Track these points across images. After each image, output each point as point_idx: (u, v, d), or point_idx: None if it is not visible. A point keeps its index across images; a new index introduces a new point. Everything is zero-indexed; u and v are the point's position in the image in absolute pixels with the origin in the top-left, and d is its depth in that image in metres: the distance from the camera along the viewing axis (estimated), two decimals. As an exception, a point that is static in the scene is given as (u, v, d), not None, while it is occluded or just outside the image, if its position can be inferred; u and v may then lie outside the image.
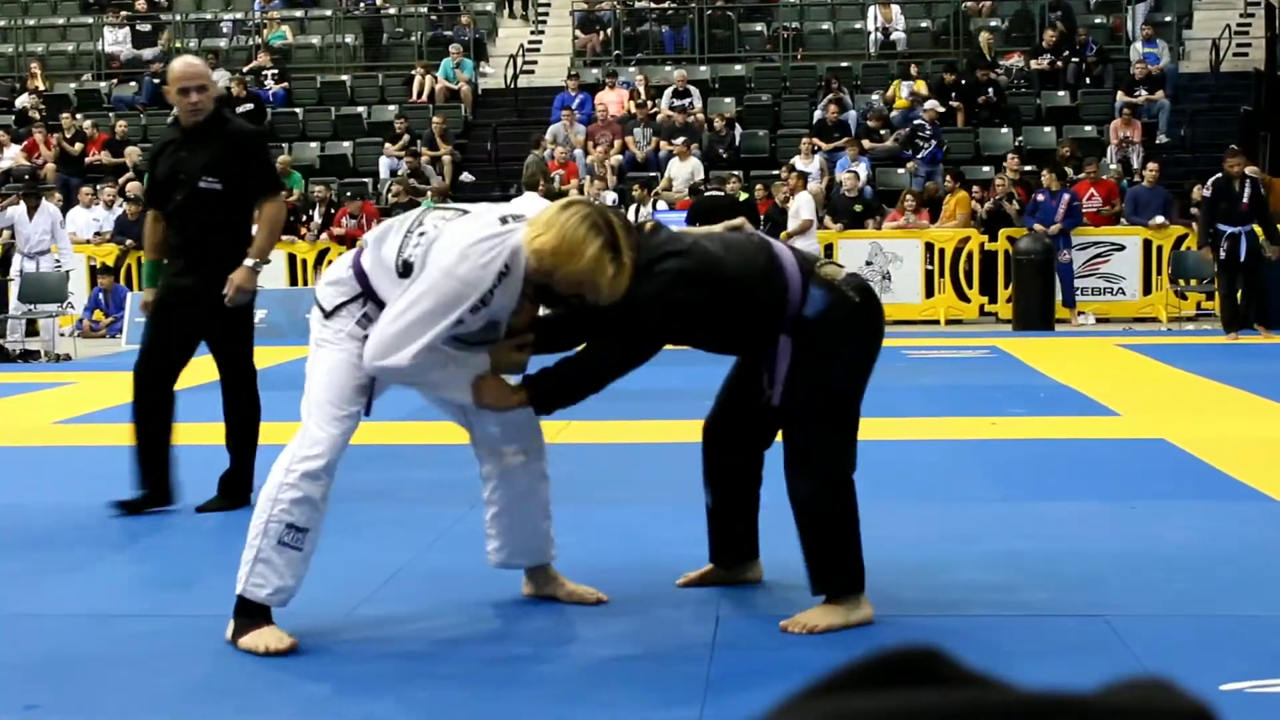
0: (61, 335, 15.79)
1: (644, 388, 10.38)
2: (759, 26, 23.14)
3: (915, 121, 19.12)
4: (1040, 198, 16.44)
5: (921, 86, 20.08)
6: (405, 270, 4.10)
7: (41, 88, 22.44)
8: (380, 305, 4.15)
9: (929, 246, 17.05)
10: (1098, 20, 22.34)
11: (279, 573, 4.15)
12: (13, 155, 20.47)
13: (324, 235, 18.03)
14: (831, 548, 4.37)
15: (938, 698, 0.64)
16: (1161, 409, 9.16)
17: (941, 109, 19.46)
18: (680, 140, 18.93)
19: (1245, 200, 14.29)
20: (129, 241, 17.87)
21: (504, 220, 4.14)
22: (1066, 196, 16.34)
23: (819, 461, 4.36)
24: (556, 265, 3.99)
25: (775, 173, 18.50)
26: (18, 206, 15.21)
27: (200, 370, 6.66)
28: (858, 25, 22.72)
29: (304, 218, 18.03)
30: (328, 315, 4.23)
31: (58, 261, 15.37)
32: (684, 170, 18.59)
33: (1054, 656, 4.07)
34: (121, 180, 19.21)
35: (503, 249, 4.04)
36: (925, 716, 0.62)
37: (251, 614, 4.20)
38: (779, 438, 4.64)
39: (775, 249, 4.41)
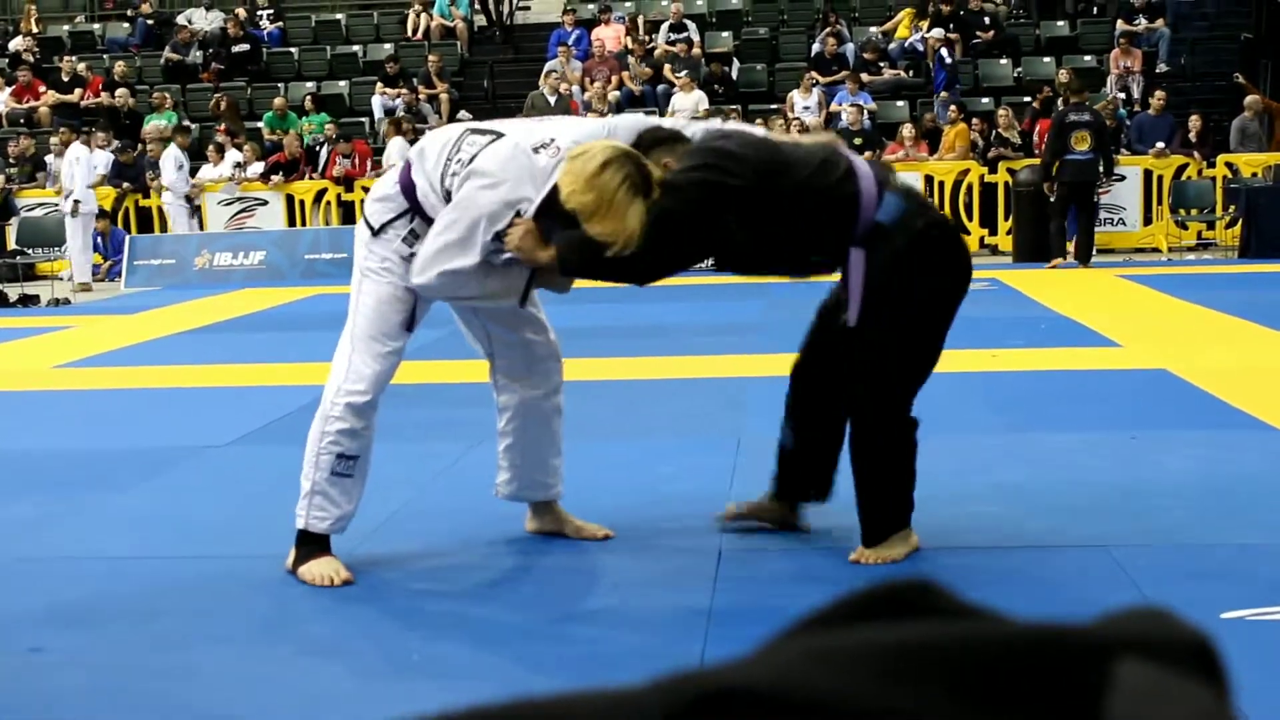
0: (60, 279, 15.80)
1: (642, 324, 10.38)
2: (756, -41, 22.95)
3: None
4: None
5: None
6: (448, 199, 4.15)
7: (35, 30, 22.28)
8: (427, 222, 4.20)
9: (928, 179, 16.99)
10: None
11: (336, 502, 4.29)
12: (2, 99, 20.35)
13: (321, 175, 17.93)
14: (884, 497, 4.32)
15: (931, 631, 0.63)
16: (1162, 339, 9.15)
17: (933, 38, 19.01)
18: (684, 72, 18.77)
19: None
20: (126, 185, 17.81)
21: (537, 150, 4.09)
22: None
23: (876, 410, 4.27)
24: (592, 221, 3.93)
25: (773, 107, 18.40)
26: (70, 147, 16.07)
27: None
28: (856, -44, 22.52)
29: (304, 160, 17.93)
30: (375, 233, 4.27)
31: (57, 205, 15.41)
32: (688, 103, 18.43)
33: (1055, 587, 4.08)
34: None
35: (532, 188, 4.03)
36: (918, 650, 0.61)
37: (311, 544, 4.32)
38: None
39: (841, 149, 4.19)
